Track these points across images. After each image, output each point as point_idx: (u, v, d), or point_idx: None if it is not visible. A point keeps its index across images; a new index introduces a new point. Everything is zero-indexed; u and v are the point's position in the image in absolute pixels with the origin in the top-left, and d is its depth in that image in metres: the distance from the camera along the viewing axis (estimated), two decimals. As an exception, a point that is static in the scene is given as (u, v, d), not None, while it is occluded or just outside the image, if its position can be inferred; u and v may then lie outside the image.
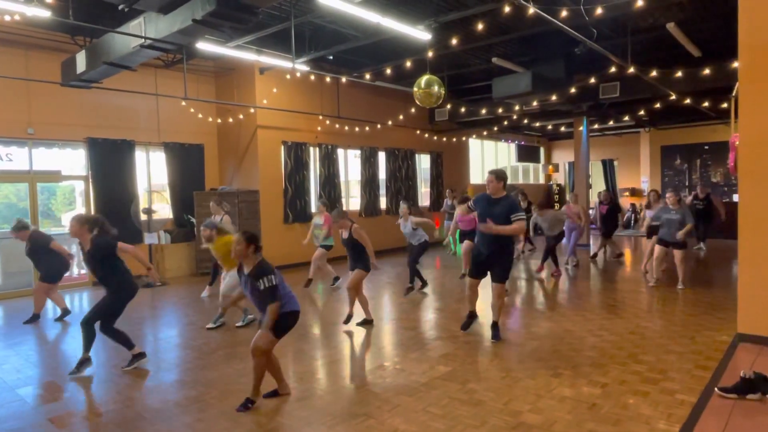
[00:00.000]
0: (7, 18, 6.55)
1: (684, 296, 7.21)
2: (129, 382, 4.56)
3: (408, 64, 9.39)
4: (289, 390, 4.13)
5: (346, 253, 6.25)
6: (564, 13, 6.53)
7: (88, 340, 4.81)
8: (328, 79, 11.34)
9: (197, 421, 3.70)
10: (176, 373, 4.77)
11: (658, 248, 7.82)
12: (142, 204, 9.85)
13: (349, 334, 5.89)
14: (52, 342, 6.01)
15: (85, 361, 4.81)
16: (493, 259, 5.36)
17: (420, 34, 7.34)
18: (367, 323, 6.14)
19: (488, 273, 5.49)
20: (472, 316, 5.78)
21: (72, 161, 9.71)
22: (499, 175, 5.36)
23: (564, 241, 10.22)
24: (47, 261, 6.68)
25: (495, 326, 5.46)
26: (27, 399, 4.23)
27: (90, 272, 4.76)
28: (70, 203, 11.08)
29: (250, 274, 3.78)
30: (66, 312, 6.96)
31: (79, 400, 4.21)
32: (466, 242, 8.94)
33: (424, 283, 8.21)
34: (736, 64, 5.29)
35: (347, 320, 6.13)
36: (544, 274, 9.20)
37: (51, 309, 7.35)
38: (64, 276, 6.99)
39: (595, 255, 11.14)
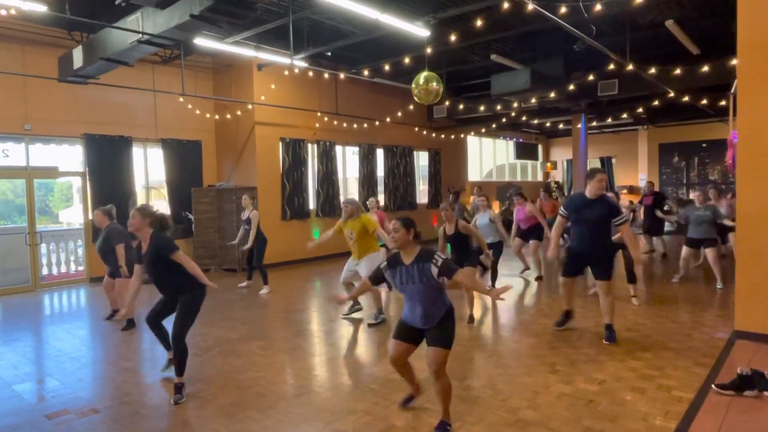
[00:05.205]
0: (3, 12, 6.51)
1: (682, 294, 7.22)
2: (126, 379, 4.55)
3: (406, 60, 9.39)
4: (422, 390, 3.79)
5: (451, 250, 5.97)
6: (563, 10, 6.53)
7: (163, 339, 4.58)
8: (326, 76, 11.33)
9: (195, 418, 3.69)
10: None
11: (685, 249, 7.78)
12: (140, 201, 9.83)
13: (348, 332, 5.88)
14: (49, 339, 5.99)
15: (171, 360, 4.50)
16: (594, 257, 5.12)
17: (418, 30, 7.32)
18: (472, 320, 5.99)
19: (586, 270, 5.27)
20: (568, 314, 5.58)
21: (69, 157, 9.71)
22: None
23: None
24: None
25: (608, 328, 5.14)
26: (24, 395, 4.22)
27: (149, 276, 4.12)
28: (68, 200, 11.07)
29: (415, 262, 3.22)
30: (116, 312, 6.60)
31: (76, 396, 4.19)
32: (533, 242, 8.38)
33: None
34: (734, 62, 5.29)
35: (471, 320, 5.95)
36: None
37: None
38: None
39: (665, 255, 10.66)
